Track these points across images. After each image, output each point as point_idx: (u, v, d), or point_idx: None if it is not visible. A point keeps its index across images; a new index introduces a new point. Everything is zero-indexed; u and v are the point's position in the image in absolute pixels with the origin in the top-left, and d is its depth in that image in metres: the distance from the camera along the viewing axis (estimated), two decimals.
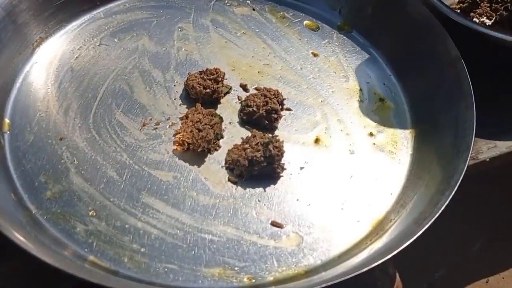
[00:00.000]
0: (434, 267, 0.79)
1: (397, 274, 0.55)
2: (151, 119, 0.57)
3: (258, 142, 0.53)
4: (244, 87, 0.61)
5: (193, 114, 0.55)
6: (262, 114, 0.57)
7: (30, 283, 0.47)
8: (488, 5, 0.69)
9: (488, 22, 0.67)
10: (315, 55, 0.66)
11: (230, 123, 0.58)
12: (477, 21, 0.67)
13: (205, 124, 0.54)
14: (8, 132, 0.54)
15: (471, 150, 0.51)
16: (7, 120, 0.55)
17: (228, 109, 0.59)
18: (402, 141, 0.59)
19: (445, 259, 0.79)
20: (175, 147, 0.54)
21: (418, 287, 0.78)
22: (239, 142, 0.55)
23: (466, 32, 0.60)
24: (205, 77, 0.58)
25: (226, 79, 0.60)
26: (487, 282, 0.78)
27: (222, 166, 0.54)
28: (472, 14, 0.69)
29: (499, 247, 0.80)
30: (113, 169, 0.52)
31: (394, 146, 0.58)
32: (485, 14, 0.68)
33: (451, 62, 0.58)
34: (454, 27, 0.60)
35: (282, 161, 0.54)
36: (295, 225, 0.51)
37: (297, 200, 0.53)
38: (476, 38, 0.60)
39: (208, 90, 0.58)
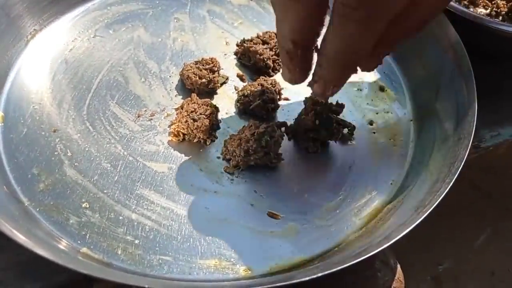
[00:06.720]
0: (438, 259, 0.78)
1: (399, 266, 0.54)
2: (146, 110, 0.56)
3: (254, 132, 0.52)
4: (241, 77, 0.60)
5: (188, 105, 0.54)
6: (259, 104, 0.56)
7: (23, 276, 0.46)
8: None
9: (484, 12, 0.65)
10: None
11: (226, 113, 0.57)
12: (473, 10, 0.66)
13: (200, 114, 0.53)
14: (1, 125, 0.53)
15: (472, 137, 0.49)
16: (0, 113, 0.54)
17: (225, 99, 0.58)
18: (403, 129, 0.57)
19: (450, 251, 0.77)
20: (170, 138, 0.53)
21: (422, 279, 0.77)
22: (235, 132, 0.54)
23: (462, 21, 0.58)
24: (201, 67, 0.57)
25: (223, 69, 0.59)
26: (492, 274, 0.77)
27: (218, 157, 0.53)
28: (466, 2, 0.67)
29: (504, 238, 0.79)
30: (107, 160, 0.52)
31: (395, 134, 0.57)
32: (481, 4, 0.66)
33: (451, 47, 0.57)
34: (450, 15, 0.59)
35: (279, 151, 0.53)
36: (292, 216, 0.50)
37: (294, 190, 0.51)
38: (473, 28, 0.59)
39: (203, 80, 0.56)
